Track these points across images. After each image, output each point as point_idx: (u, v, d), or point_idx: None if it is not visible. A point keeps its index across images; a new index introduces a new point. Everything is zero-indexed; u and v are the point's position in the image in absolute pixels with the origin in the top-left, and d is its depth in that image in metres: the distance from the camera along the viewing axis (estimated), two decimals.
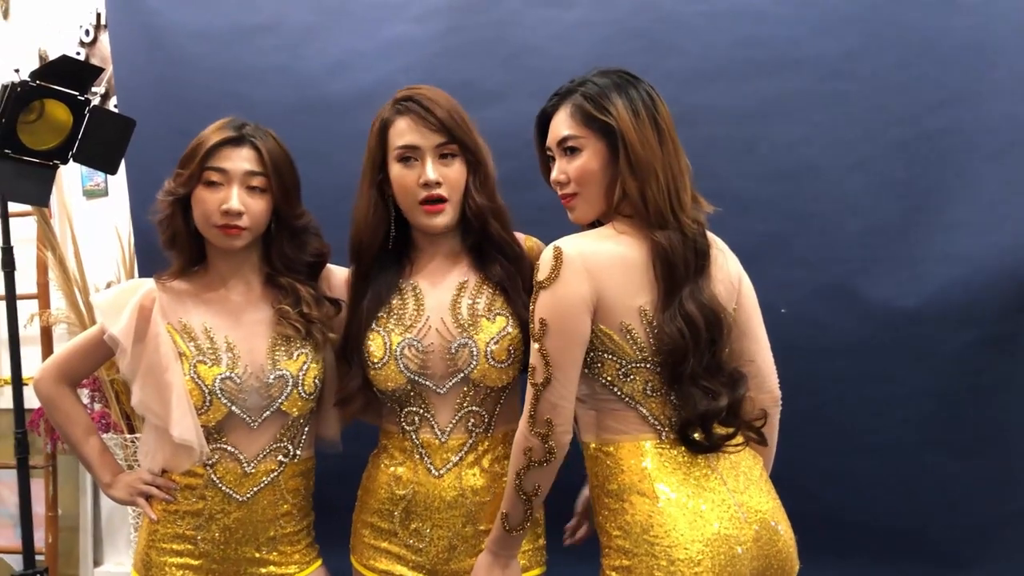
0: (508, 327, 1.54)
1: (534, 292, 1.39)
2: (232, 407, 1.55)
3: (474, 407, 1.55)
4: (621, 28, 2.26)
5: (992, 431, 2.11)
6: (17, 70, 1.98)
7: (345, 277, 1.68)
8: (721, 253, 1.48)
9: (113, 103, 2.84)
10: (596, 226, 1.47)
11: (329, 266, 1.70)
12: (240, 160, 1.55)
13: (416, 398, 1.55)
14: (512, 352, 1.53)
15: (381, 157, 1.57)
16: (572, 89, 1.46)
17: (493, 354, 1.52)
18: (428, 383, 1.54)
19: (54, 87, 2.00)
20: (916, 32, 2.11)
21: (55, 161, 2.08)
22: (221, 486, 1.56)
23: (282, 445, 1.59)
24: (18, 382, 2.37)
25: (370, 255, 1.59)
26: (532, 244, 1.65)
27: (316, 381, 1.60)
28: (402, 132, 1.53)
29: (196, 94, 2.50)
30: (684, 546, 1.32)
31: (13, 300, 2.40)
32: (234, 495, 1.57)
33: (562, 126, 1.45)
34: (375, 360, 1.54)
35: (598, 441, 1.44)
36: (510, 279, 1.56)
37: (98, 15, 2.99)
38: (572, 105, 1.44)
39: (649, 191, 1.38)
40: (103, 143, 2.10)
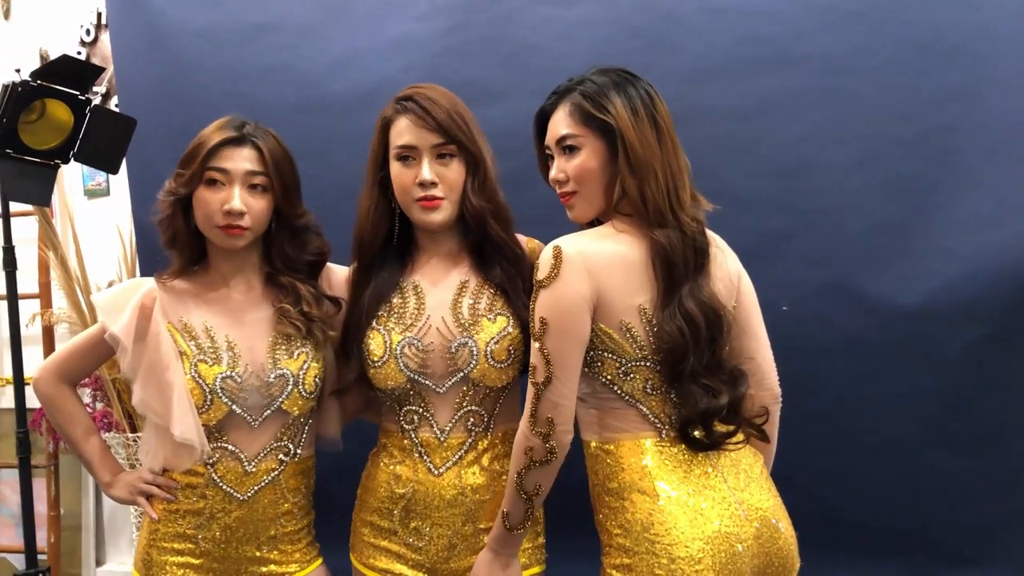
0: (509, 327, 1.54)
1: (534, 291, 1.39)
2: (233, 406, 1.55)
3: (473, 406, 1.55)
4: (622, 27, 2.25)
5: (994, 429, 2.11)
6: (18, 70, 1.99)
7: (345, 276, 1.69)
8: (720, 251, 1.48)
9: (114, 102, 2.85)
10: (595, 225, 1.47)
11: (329, 265, 1.70)
12: (241, 160, 1.55)
13: (416, 397, 1.55)
14: (512, 352, 1.53)
15: (383, 155, 1.58)
16: (571, 88, 1.46)
17: (493, 354, 1.52)
18: (428, 382, 1.54)
19: (55, 87, 2.00)
20: (917, 29, 2.10)
21: (56, 161, 2.08)
22: (222, 485, 1.56)
23: (283, 444, 1.59)
24: (20, 382, 2.37)
25: (372, 251, 1.60)
26: (534, 246, 1.65)
27: (316, 380, 1.61)
28: (401, 132, 1.54)
29: (197, 93, 2.50)
30: (685, 544, 1.32)
31: (15, 300, 2.40)
32: (235, 494, 1.57)
33: (561, 125, 1.45)
34: (375, 359, 1.54)
35: (598, 440, 1.44)
36: (510, 280, 1.57)
37: (99, 14, 2.99)
38: (571, 104, 1.44)
39: (648, 189, 1.38)
40: (104, 142, 2.11)
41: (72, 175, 3.04)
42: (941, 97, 2.09)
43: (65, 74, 2.01)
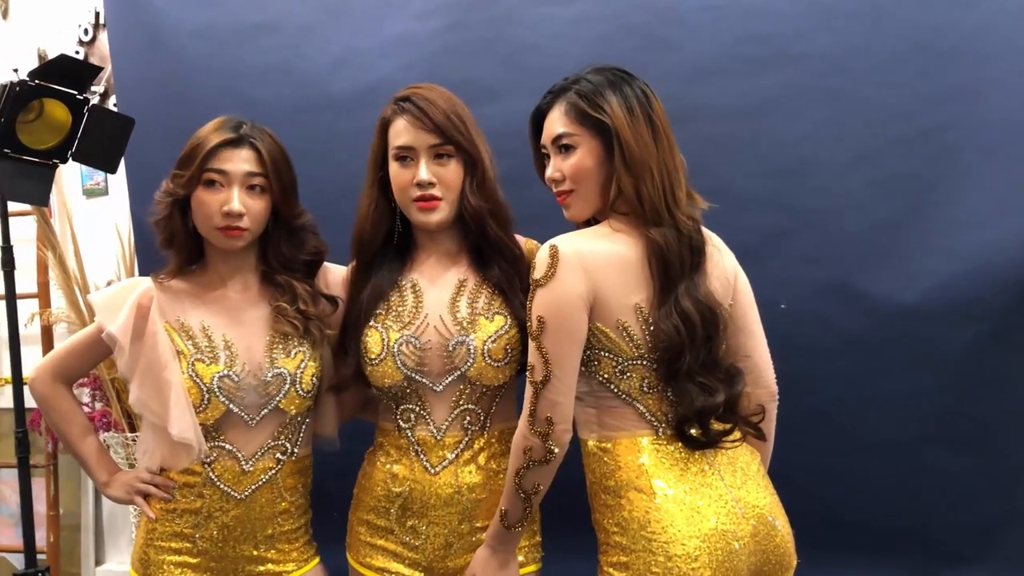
0: (506, 326, 1.54)
1: (531, 290, 1.38)
2: (230, 405, 1.55)
3: (470, 405, 1.55)
4: (619, 25, 2.25)
5: (993, 428, 2.10)
6: (16, 69, 1.99)
7: (342, 275, 1.69)
8: (717, 249, 1.48)
9: (112, 102, 2.84)
10: (591, 224, 1.47)
11: (326, 264, 1.70)
12: (240, 161, 1.55)
13: (412, 395, 1.55)
14: (509, 351, 1.53)
15: (382, 155, 1.58)
16: (566, 87, 1.45)
17: (490, 352, 1.52)
18: (425, 380, 1.54)
19: (53, 86, 2.00)
20: (915, 28, 2.10)
21: (55, 160, 2.08)
22: (219, 484, 1.56)
23: (280, 443, 1.59)
24: (18, 381, 2.37)
25: (371, 251, 1.60)
26: (532, 246, 1.65)
27: (314, 379, 1.60)
28: (399, 132, 1.54)
29: (195, 93, 2.50)
30: (681, 542, 1.32)
31: (13, 299, 2.40)
32: (232, 493, 1.57)
33: (556, 124, 1.45)
34: (372, 356, 1.54)
35: (595, 438, 1.44)
36: (508, 280, 1.57)
37: (97, 14, 2.98)
38: (566, 103, 1.44)
39: (644, 188, 1.37)
40: (102, 142, 2.10)
41: (70, 175, 3.04)
42: (940, 96, 2.09)
43: (63, 74, 2.01)
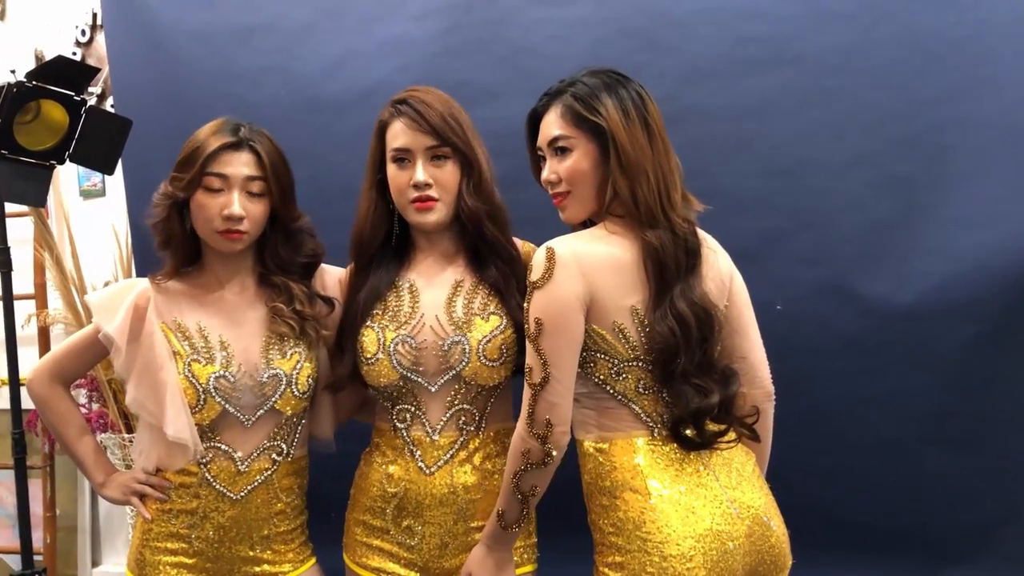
0: (502, 326, 1.54)
1: (528, 292, 1.39)
2: (226, 405, 1.55)
3: (465, 405, 1.55)
4: (617, 27, 2.25)
5: (991, 428, 2.11)
6: (13, 71, 1.99)
7: (339, 277, 1.69)
8: (712, 251, 1.48)
9: (109, 103, 2.84)
10: (587, 226, 1.47)
11: (323, 266, 1.70)
12: (240, 165, 1.55)
13: (408, 395, 1.56)
14: (504, 351, 1.54)
15: (380, 157, 1.59)
16: (562, 89, 1.46)
17: (485, 352, 1.52)
18: (420, 380, 1.54)
19: (50, 87, 2.00)
20: (912, 28, 2.10)
21: (52, 161, 2.08)
22: (215, 484, 1.56)
23: (276, 444, 1.59)
24: (15, 383, 2.37)
25: (370, 252, 1.61)
26: (529, 249, 1.65)
27: (310, 380, 1.61)
28: (396, 135, 1.55)
29: (193, 94, 2.50)
30: (676, 542, 1.32)
31: (10, 300, 2.40)
32: (228, 493, 1.57)
33: (552, 126, 1.45)
34: (368, 355, 1.55)
35: (591, 439, 1.44)
36: (504, 280, 1.57)
37: (94, 15, 2.98)
38: (562, 105, 1.44)
39: (640, 191, 1.38)
40: (100, 143, 2.10)
41: (68, 176, 3.03)
42: (936, 97, 2.09)
43: (60, 75, 2.01)
